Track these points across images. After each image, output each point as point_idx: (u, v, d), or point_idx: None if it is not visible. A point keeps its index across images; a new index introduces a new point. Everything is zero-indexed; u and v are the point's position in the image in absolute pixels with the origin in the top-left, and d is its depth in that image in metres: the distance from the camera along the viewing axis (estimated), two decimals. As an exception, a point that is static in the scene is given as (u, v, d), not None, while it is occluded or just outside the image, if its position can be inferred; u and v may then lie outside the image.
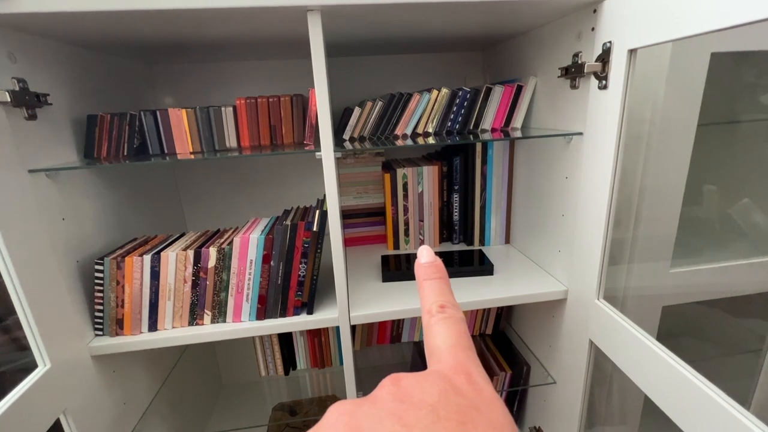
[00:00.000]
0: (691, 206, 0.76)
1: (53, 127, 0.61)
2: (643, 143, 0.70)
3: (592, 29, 0.60)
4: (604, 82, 0.58)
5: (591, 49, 0.61)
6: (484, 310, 0.99)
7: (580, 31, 0.64)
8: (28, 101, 0.55)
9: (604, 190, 0.60)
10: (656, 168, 0.70)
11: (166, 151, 0.69)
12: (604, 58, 0.57)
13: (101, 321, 0.65)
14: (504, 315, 1.04)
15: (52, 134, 0.60)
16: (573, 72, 0.64)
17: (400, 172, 0.92)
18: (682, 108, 0.67)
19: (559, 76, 0.69)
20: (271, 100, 0.69)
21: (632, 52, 0.53)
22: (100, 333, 0.66)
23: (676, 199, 0.71)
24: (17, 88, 0.54)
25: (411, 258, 0.88)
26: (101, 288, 0.63)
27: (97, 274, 0.63)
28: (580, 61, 0.63)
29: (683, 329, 0.88)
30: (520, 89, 0.79)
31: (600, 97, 0.59)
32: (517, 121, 0.81)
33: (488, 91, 0.79)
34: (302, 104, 0.71)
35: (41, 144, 0.58)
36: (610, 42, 0.56)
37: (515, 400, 0.96)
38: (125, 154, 0.67)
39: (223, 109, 0.68)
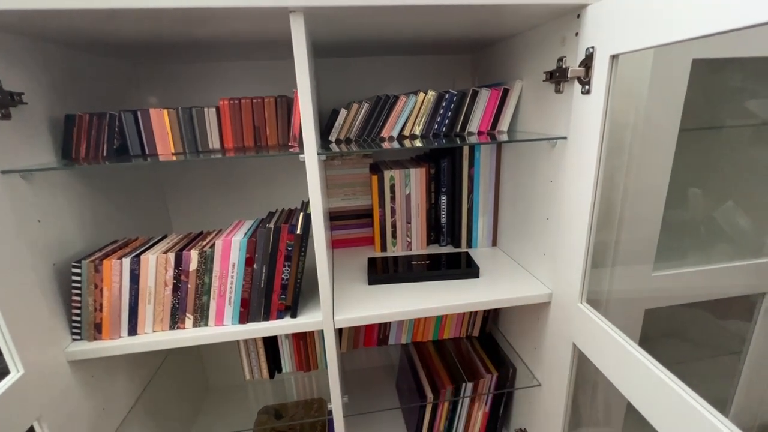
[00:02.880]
0: (672, 210, 0.76)
1: (29, 127, 0.59)
2: (626, 147, 0.70)
3: (576, 34, 0.61)
4: (587, 87, 0.58)
5: (575, 54, 0.61)
6: (471, 312, 1.00)
7: (564, 36, 0.64)
8: (1, 100, 0.53)
9: (587, 193, 0.60)
10: (639, 172, 0.70)
11: (147, 152, 0.67)
12: (587, 63, 0.58)
13: (78, 325, 0.64)
14: (491, 317, 1.04)
15: (27, 134, 0.59)
16: (557, 76, 0.65)
17: (387, 174, 0.92)
18: (664, 113, 0.68)
19: (544, 81, 0.69)
20: (255, 101, 0.68)
21: (614, 57, 0.53)
22: (78, 337, 0.64)
23: (659, 203, 0.72)
24: (-10, 87, 0.52)
25: (398, 260, 0.88)
26: (79, 292, 0.62)
27: (74, 278, 0.61)
28: (564, 66, 0.64)
29: (665, 332, 0.89)
30: (506, 92, 0.79)
31: (583, 102, 0.59)
32: (504, 125, 0.81)
33: (475, 94, 0.79)
34: (287, 105, 0.71)
35: (16, 144, 0.56)
36: (592, 47, 0.56)
37: (501, 402, 0.96)
38: (105, 155, 0.66)
39: (206, 109, 0.67)
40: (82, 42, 0.66)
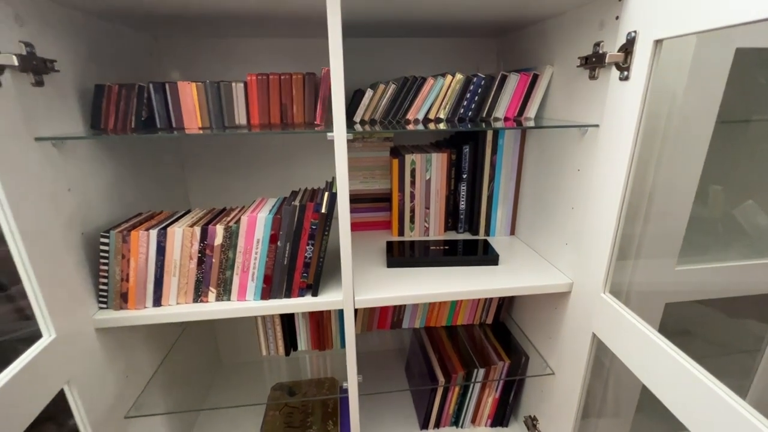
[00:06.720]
0: (701, 204, 0.75)
1: (60, 94, 0.59)
2: (659, 138, 0.69)
3: (616, 18, 0.59)
4: (626, 73, 0.56)
5: (614, 39, 0.59)
6: (486, 299, 1.00)
7: (602, 19, 0.62)
8: (35, 66, 0.53)
9: (618, 184, 0.59)
10: (671, 164, 0.69)
11: (174, 125, 0.67)
12: (628, 48, 0.56)
13: (105, 294, 0.65)
14: (505, 305, 1.04)
15: (58, 102, 0.59)
16: (593, 62, 0.63)
17: (408, 158, 0.91)
18: (701, 104, 0.66)
19: (578, 66, 0.67)
20: (282, 77, 0.67)
21: (658, 42, 0.52)
22: (104, 306, 0.66)
23: (688, 197, 0.71)
24: (24, 52, 0.52)
25: (416, 245, 0.88)
26: (106, 261, 0.63)
27: (102, 247, 0.62)
28: (601, 51, 0.62)
29: (683, 326, 0.88)
30: (535, 78, 0.78)
31: (620, 89, 0.58)
32: (531, 111, 0.80)
33: (503, 78, 0.77)
34: (314, 84, 0.70)
35: (48, 112, 0.57)
36: (635, 32, 0.55)
37: (512, 390, 0.97)
38: (132, 126, 0.66)
39: (233, 84, 0.66)
40: (112, 11, 0.66)
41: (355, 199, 1.01)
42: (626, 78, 0.56)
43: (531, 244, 0.90)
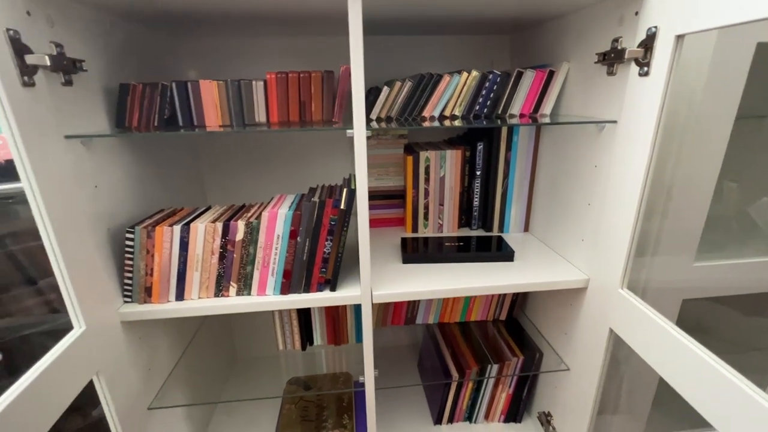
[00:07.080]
0: (720, 200, 0.75)
1: (87, 94, 0.61)
2: (677, 134, 0.68)
3: (636, 13, 0.59)
4: (646, 68, 0.56)
5: (633, 34, 0.59)
6: (499, 295, 1.00)
7: (621, 15, 0.62)
8: (65, 66, 0.55)
9: (636, 180, 0.59)
10: (689, 160, 0.69)
11: (195, 123, 0.69)
12: (648, 43, 0.56)
13: (130, 288, 0.67)
14: (518, 302, 1.04)
15: (86, 101, 0.60)
16: (612, 58, 0.63)
17: (423, 155, 0.91)
18: (721, 99, 0.65)
19: (596, 62, 0.67)
20: (302, 75, 0.68)
21: (680, 38, 0.52)
22: (129, 300, 0.67)
23: (707, 193, 0.71)
24: (55, 53, 0.54)
25: (431, 241, 0.88)
26: (131, 256, 0.65)
27: (127, 243, 0.64)
28: (620, 47, 0.62)
29: (700, 323, 0.88)
30: (551, 74, 0.78)
31: (639, 85, 0.58)
32: (547, 108, 0.80)
33: (519, 75, 0.77)
34: (332, 82, 0.71)
35: (76, 111, 0.58)
36: (655, 27, 0.55)
37: (525, 386, 0.97)
38: (155, 124, 0.67)
39: (254, 82, 0.67)
40: (135, 12, 0.67)
41: (369, 195, 1.01)
42: (646, 74, 0.56)
43: (546, 240, 0.90)
